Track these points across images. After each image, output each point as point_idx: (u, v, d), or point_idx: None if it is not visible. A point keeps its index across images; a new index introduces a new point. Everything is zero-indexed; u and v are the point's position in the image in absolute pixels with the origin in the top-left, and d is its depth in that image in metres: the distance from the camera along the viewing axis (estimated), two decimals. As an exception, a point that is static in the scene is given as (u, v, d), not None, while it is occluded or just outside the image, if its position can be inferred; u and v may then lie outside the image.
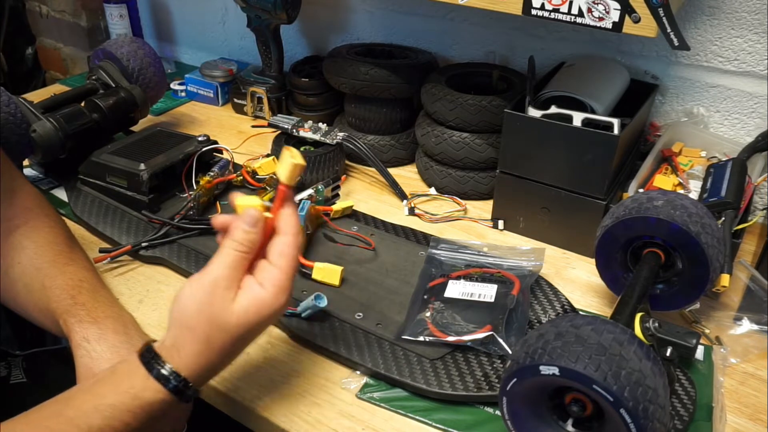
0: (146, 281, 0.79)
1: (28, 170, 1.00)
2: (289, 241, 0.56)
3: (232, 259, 0.54)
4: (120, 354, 0.63)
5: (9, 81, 1.69)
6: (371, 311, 0.73)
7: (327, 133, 0.98)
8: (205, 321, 0.53)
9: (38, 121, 0.91)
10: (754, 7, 0.83)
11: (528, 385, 0.51)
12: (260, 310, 0.54)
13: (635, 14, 0.64)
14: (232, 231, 0.55)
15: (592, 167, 0.79)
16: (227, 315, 0.53)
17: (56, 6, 1.54)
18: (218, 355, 0.54)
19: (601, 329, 0.49)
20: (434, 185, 0.97)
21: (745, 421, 0.62)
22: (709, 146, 0.89)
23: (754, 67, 0.86)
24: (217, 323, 0.53)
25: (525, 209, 0.87)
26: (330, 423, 0.61)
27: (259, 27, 1.13)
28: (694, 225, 0.63)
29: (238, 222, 0.55)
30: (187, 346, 0.53)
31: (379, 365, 0.65)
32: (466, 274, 0.76)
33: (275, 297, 0.54)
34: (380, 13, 1.15)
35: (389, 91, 1.00)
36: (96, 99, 0.98)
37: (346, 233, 0.85)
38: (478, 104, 0.89)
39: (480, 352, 0.67)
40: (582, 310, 0.75)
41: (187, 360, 0.53)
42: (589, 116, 0.79)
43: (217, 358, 0.54)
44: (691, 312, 0.73)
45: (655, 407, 0.47)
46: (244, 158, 1.01)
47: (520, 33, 1.02)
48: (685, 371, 0.66)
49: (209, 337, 0.53)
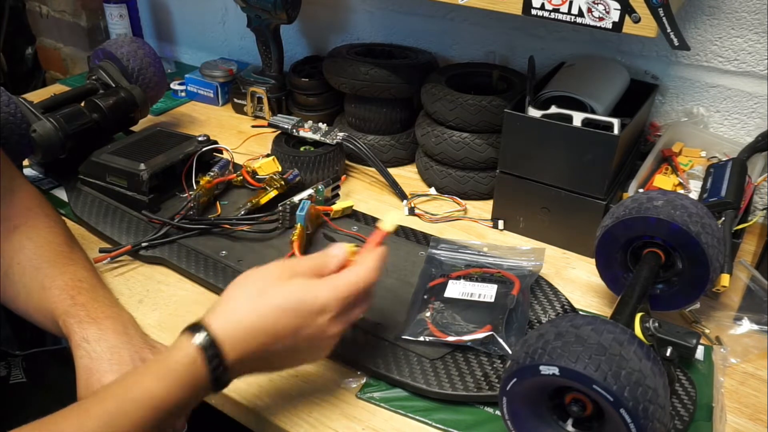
0: (146, 281, 0.79)
1: (28, 170, 1.00)
2: (362, 273, 0.56)
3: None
4: (120, 354, 0.63)
5: (9, 81, 1.69)
6: (371, 311, 0.72)
7: (327, 133, 0.98)
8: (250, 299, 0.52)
9: (38, 121, 0.91)
10: (754, 6, 0.83)
11: (528, 385, 0.51)
12: (304, 294, 0.52)
13: (635, 14, 0.64)
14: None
15: (592, 167, 0.79)
16: (271, 292, 0.52)
17: (56, 6, 1.54)
18: (256, 337, 0.52)
19: (601, 329, 0.49)
20: (434, 185, 0.97)
21: (745, 421, 0.62)
22: (709, 146, 0.89)
23: (754, 67, 0.86)
24: (260, 299, 0.52)
25: (525, 209, 0.87)
26: (330, 423, 0.61)
27: (259, 27, 1.13)
28: (695, 225, 0.63)
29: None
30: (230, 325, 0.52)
31: (379, 365, 0.65)
32: (466, 274, 0.76)
33: (324, 288, 0.53)
34: (380, 13, 1.15)
35: (389, 91, 1.00)
36: (96, 99, 0.98)
37: (346, 233, 0.85)
38: (478, 104, 0.89)
39: (480, 352, 0.66)
40: (582, 310, 0.75)
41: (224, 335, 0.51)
42: (589, 116, 0.79)
43: (256, 344, 0.52)
44: (691, 312, 0.73)
45: (655, 407, 0.47)
46: (244, 158, 1.01)
47: (520, 33, 1.02)
48: (685, 371, 0.66)
49: (248, 317, 0.52)
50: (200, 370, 0.51)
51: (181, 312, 0.74)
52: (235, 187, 0.94)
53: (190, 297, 0.77)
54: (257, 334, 0.52)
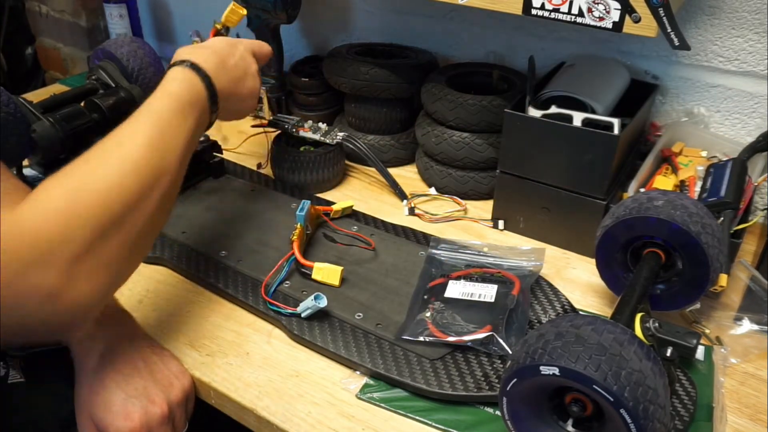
0: (146, 281, 0.79)
1: (28, 170, 0.99)
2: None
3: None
4: (120, 354, 0.63)
5: (9, 81, 1.69)
6: (371, 311, 0.73)
7: (327, 133, 0.98)
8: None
9: (38, 121, 0.90)
10: (755, 6, 0.83)
11: (528, 385, 0.51)
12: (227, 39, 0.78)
13: (635, 14, 0.64)
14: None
15: (592, 167, 0.79)
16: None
17: (56, 6, 1.54)
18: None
19: (602, 329, 0.49)
20: (434, 185, 0.97)
21: (745, 421, 0.62)
22: (709, 146, 0.89)
23: (755, 67, 0.86)
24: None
25: (525, 209, 0.87)
26: (330, 423, 0.61)
27: (259, 27, 1.13)
28: (695, 225, 0.63)
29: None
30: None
31: (379, 365, 0.65)
32: (466, 274, 0.76)
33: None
34: (380, 13, 1.15)
35: (389, 91, 1.00)
36: (96, 99, 0.98)
37: (346, 233, 0.85)
38: (479, 104, 0.89)
39: (480, 352, 0.66)
40: (582, 310, 0.75)
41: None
42: (589, 116, 0.79)
43: (215, 57, 0.71)
44: (691, 312, 0.73)
45: (655, 407, 0.47)
46: (245, 158, 1.01)
47: (520, 33, 1.02)
48: (685, 371, 0.66)
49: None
50: (194, 80, 0.67)
51: (181, 312, 0.74)
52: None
53: (190, 297, 0.77)
54: (211, 54, 0.71)
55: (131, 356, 0.64)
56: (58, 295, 0.49)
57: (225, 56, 0.73)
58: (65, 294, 0.50)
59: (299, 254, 0.77)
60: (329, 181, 0.99)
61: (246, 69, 0.76)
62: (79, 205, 0.52)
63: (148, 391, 0.62)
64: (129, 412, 0.60)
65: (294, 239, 0.79)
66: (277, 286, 0.75)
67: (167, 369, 0.65)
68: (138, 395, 0.61)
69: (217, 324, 0.73)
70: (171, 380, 0.64)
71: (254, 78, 0.78)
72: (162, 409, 0.61)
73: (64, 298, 0.50)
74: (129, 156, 0.57)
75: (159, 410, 0.61)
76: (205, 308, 0.75)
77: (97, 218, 0.52)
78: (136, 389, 0.62)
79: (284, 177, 0.97)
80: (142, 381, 0.62)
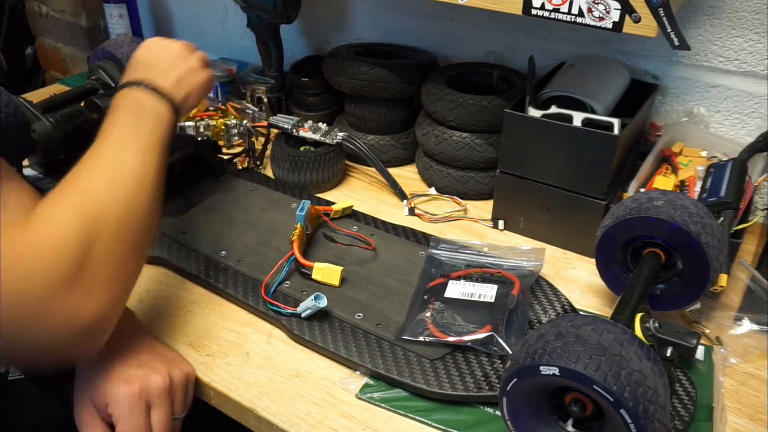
0: (146, 281, 0.79)
1: (28, 170, 0.99)
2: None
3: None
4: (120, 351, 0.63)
5: (9, 81, 1.69)
6: (371, 311, 0.73)
7: (327, 133, 0.98)
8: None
9: (38, 121, 0.90)
10: (755, 6, 0.83)
11: (528, 385, 0.51)
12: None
13: (635, 14, 0.64)
14: None
15: (592, 167, 0.79)
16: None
17: (56, 6, 1.54)
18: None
19: (602, 329, 0.49)
20: (434, 185, 0.97)
21: (745, 421, 0.62)
22: (709, 146, 0.89)
23: (755, 67, 0.86)
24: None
25: (525, 209, 0.87)
26: (330, 423, 0.61)
27: (259, 27, 1.13)
28: (695, 225, 0.63)
29: None
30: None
31: (379, 365, 0.65)
32: (466, 274, 0.76)
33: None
34: (380, 13, 1.15)
35: (389, 91, 1.00)
36: (96, 99, 0.98)
37: (346, 233, 0.85)
38: (479, 104, 0.89)
39: (480, 353, 0.66)
40: (582, 310, 0.75)
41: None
42: (589, 116, 0.79)
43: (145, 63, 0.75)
44: (691, 312, 0.73)
45: (655, 407, 0.47)
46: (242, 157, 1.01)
47: (520, 33, 1.02)
48: (685, 371, 0.66)
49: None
50: (139, 92, 0.69)
51: (181, 312, 0.74)
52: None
53: (190, 297, 0.77)
54: (139, 62, 0.75)
55: (133, 345, 0.64)
56: (80, 313, 0.52)
57: (158, 62, 0.76)
58: (87, 310, 0.52)
59: (299, 254, 0.77)
60: (329, 181, 0.99)
61: (183, 61, 0.78)
62: (89, 222, 0.54)
63: (151, 363, 0.62)
64: (129, 377, 0.60)
65: (294, 239, 0.79)
66: (277, 286, 0.75)
67: (170, 352, 0.66)
68: (140, 365, 0.61)
69: (217, 324, 0.73)
70: (174, 358, 0.65)
71: (199, 73, 0.79)
72: (164, 378, 0.61)
73: (86, 315, 0.52)
74: (124, 167, 0.61)
75: (161, 379, 0.61)
76: (205, 308, 0.75)
77: (108, 234, 0.55)
78: (138, 360, 0.62)
79: (284, 177, 0.97)
80: (144, 356, 0.63)
